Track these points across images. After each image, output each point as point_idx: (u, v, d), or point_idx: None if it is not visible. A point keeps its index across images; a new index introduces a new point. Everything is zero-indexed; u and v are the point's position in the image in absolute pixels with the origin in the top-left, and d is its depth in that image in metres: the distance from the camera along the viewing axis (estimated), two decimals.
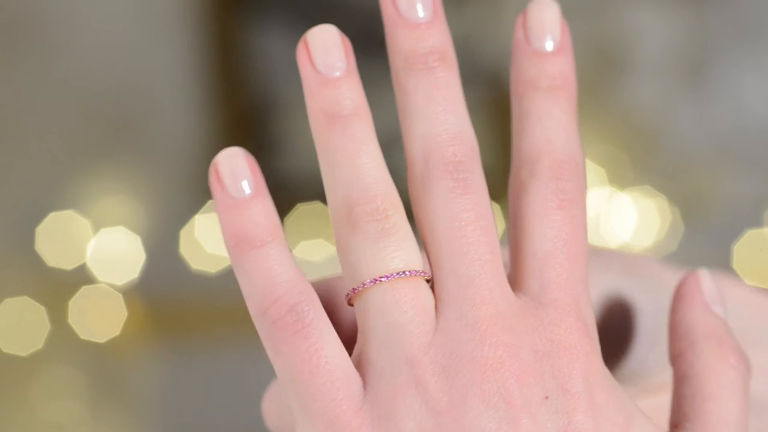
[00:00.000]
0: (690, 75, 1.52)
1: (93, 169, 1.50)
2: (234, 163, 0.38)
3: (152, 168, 1.51)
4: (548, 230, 0.38)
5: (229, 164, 0.38)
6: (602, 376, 0.37)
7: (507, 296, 0.37)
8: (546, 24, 0.41)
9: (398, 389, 0.36)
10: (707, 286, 0.42)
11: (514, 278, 0.39)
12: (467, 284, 0.37)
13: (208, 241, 1.45)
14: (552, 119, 0.40)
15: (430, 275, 0.38)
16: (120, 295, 1.47)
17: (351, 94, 0.39)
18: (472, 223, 0.38)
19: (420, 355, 0.36)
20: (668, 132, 1.52)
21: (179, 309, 1.51)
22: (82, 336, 1.47)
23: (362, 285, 0.37)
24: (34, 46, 1.50)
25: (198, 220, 1.45)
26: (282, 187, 1.47)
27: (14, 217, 1.49)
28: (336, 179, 0.38)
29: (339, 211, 0.38)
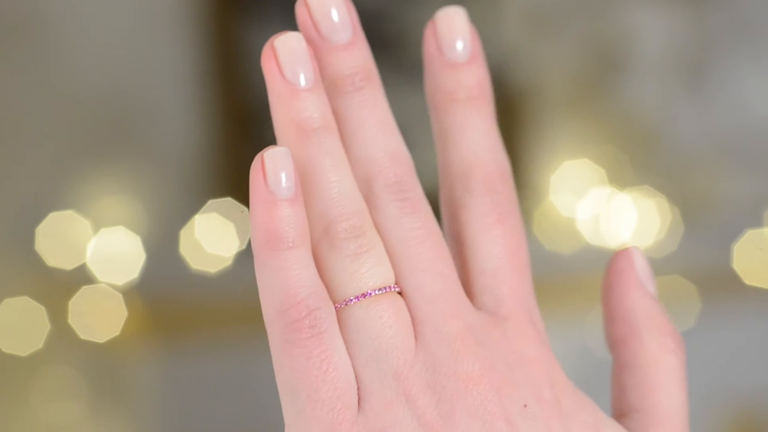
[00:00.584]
0: (690, 75, 1.52)
1: (93, 169, 1.50)
2: (281, 162, 0.38)
3: (152, 168, 1.51)
4: (492, 246, 0.40)
5: (277, 162, 0.38)
6: (566, 383, 0.39)
7: (470, 308, 0.39)
8: (456, 33, 0.41)
9: (389, 404, 0.37)
10: (640, 264, 0.43)
11: (467, 295, 0.40)
12: (433, 300, 0.38)
13: (208, 241, 1.45)
14: (476, 131, 0.41)
15: (400, 288, 0.39)
16: (120, 295, 1.47)
17: (321, 107, 0.39)
18: (427, 239, 0.39)
19: (406, 371, 0.37)
20: (668, 132, 1.52)
21: (179, 309, 1.50)
22: (82, 336, 1.47)
23: (345, 302, 0.38)
24: (34, 46, 1.50)
25: (198, 220, 1.45)
26: None
27: (14, 217, 1.49)
28: (313, 196, 0.39)
29: (316, 228, 0.39)
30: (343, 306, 0.38)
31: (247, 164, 0.39)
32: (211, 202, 1.43)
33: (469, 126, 0.41)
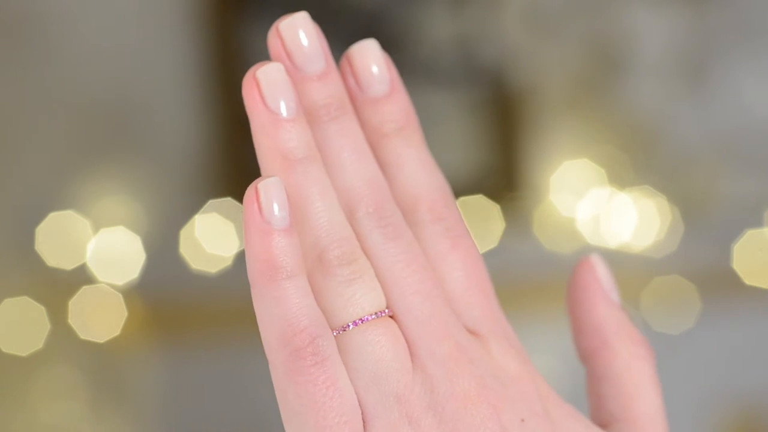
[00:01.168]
0: (690, 75, 1.52)
1: (93, 169, 1.50)
2: (275, 192, 0.38)
3: (152, 168, 1.51)
4: (454, 272, 0.41)
5: (270, 192, 0.38)
6: (553, 396, 0.40)
7: (460, 327, 0.40)
8: (372, 67, 0.42)
9: (394, 427, 0.38)
10: (603, 274, 0.44)
11: None
12: (425, 322, 0.39)
13: (208, 241, 1.45)
14: (411, 162, 0.42)
15: (391, 311, 0.40)
16: (120, 295, 1.47)
17: (305, 137, 0.40)
18: (413, 263, 0.40)
19: (407, 393, 0.38)
20: (668, 132, 1.52)
21: (179, 309, 1.50)
22: (82, 336, 1.47)
23: (342, 328, 0.39)
24: (34, 46, 1.50)
25: (198, 220, 1.45)
26: None
27: (14, 217, 1.49)
28: (303, 224, 0.39)
29: (309, 256, 0.39)
30: (341, 332, 0.39)
31: (248, 164, 0.39)
32: (211, 202, 1.43)
33: (405, 159, 0.42)
